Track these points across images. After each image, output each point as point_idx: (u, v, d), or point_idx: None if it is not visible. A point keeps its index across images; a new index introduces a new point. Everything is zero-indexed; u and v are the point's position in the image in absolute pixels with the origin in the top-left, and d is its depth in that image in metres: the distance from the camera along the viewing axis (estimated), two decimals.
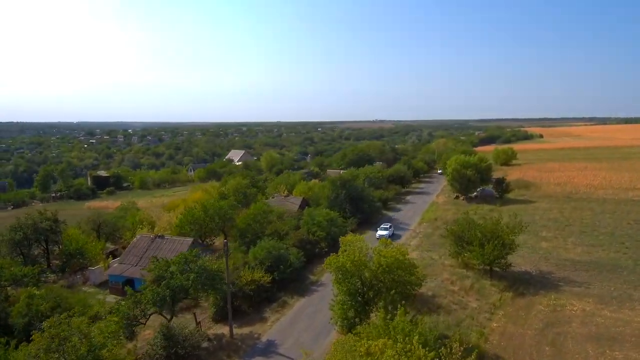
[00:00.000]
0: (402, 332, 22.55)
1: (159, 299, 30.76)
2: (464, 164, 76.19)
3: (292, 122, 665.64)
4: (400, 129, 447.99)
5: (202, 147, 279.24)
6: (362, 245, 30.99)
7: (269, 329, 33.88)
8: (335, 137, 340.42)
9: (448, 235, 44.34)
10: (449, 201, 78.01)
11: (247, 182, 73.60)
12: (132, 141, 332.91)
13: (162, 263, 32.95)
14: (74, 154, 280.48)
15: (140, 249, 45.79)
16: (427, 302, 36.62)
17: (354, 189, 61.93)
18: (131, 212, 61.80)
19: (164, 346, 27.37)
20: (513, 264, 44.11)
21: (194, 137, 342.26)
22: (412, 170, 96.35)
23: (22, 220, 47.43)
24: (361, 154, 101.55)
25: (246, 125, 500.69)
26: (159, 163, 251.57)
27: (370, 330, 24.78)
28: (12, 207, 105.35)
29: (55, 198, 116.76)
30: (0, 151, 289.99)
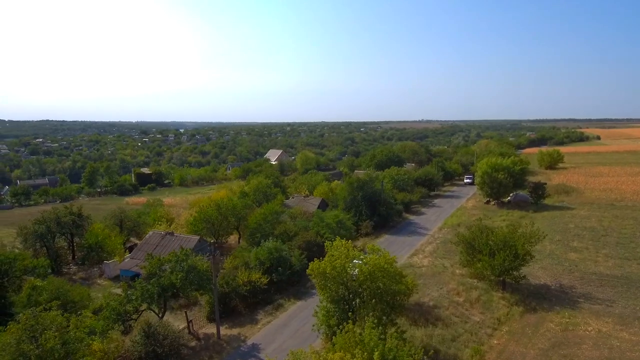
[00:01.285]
0: (366, 347, 21.30)
1: (147, 296, 31.34)
2: (495, 166, 72.00)
3: (336, 122, 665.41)
4: (446, 129, 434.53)
5: (245, 146, 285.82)
6: (348, 250, 29.69)
7: (257, 331, 33.47)
8: (377, 138, 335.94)
9: (458, 243, 41.81)
10: (478, 206, 74.09)
11: (269, 181, 73.84)
12: (182, 140, 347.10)
13: (154, 261, 33.50)
14: (127, 151, 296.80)
15: (151, 245, 47.12)
16: (427, 312, 34.69)
17: (371, 190, 60.25)
18: (153, 209, 63.86)
19: (144, 343, 27.64)
20: (532, 276, 41.17)
21: (240, 136, 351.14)
22: (442, 172, 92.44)
23: (46, 214, 50.21)
24: (390, 155, 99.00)
25: (291, 125, 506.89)
26: (205, 161, 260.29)
27: (344, 341, 23.73)
28: (60, 201, 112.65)
29: (100, 193, 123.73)
30: (61, 148, 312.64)
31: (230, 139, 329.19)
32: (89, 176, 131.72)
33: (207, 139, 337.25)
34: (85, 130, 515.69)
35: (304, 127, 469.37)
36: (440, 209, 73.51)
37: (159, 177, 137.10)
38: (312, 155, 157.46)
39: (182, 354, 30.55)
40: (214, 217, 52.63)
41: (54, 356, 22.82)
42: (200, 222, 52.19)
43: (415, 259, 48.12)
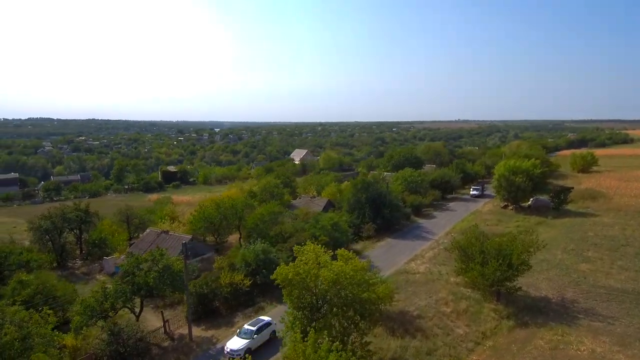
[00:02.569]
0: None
1: (121, 294, 31.55)
2: (513, 169, 68.33)
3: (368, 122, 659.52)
4: (483, 130, 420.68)
5: (275, 145, 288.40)
6: (317, 256, 28.54)
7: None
8: (409, 138, 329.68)
9: (453, 249, 39.65)
10: (494, 210, 70.59)
11: (279, 181, 73.52)
12: (215, 139, 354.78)
13: (132, 259, 33.73)
14: (162, 150, 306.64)
15: (146, 243, 47.78)
16: (408, 322, 33.05)
17: (376, 192, 58.57)
18: (159, 207, 64.98)
19: (109, 342, 27.77)
20: (533, 287, 38.66)
21: (271, 136, 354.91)
22: (461, 175, 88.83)
23: (53, 210, 52.03)
24: (408, 156, 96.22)
25: (323, 125, 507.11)
26: (236, 160, 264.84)
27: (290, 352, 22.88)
28: (89, 196, 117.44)
29: (127, 190, 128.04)
30: (101, 146, 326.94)
31: (261, 138, 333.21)
32: (117, 173, 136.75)
33: (239, 139, 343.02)
34: (127, 129, 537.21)
35: (335, 127, 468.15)
36: (453, 213, 70.62)
37: (184, 175, 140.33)
38: (335, 156, 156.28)
39: (152, 354, 30.64)
40: (213, 216, 52.76)
41: (12, 350, 23.19)
42: (199, 221, 52.44)
43: (413, 264, 46.23)
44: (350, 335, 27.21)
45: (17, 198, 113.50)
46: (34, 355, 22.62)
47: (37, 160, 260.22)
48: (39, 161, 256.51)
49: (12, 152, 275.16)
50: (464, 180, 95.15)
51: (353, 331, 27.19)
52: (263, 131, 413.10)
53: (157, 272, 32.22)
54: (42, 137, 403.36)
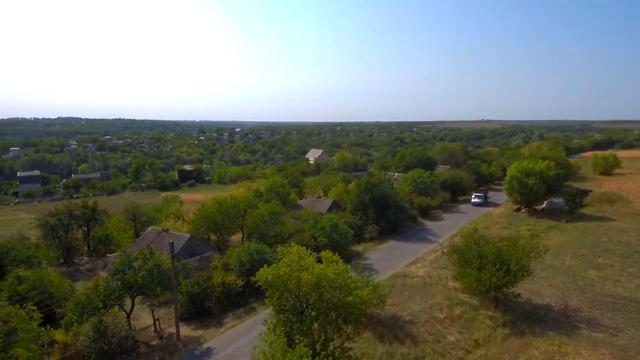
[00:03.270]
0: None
1: (109, 292, 31.79)
2: (526, 171, 66.10)
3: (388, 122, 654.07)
4: (506, 130, 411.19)
5: (293, 145, 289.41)
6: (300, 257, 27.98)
7: (218, 335, 32.86)
8: (429, 138, 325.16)
9: (451, 253, 38.48)
10: (506, 213, 68.49)
11: (286, 181, 73.31)
12: (235, 139, 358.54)
13: (124, 257, 33.96)
14: (183, 149, 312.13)
15: (146, 241, 48.12)
16: (399, 327, 32.13)
17: (380, 193, 57.57)
18: (165, 206, 65.66)
19: (93, 339, 27.96)
20: (536, 294, 37.24)
21: (290, 135, 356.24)
22: (474, 176, 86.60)
23: (60, 207, 53.19)
24: (420, 157, 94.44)
25: (342, 125, 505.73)
26: (254, 159, 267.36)
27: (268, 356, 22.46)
28: (107, 194, 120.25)
29: (143, 188, 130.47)
30: (125, 145, 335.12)
31: (279, 138, 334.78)
32: (135, 171, 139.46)
33: (258, 138, 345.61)
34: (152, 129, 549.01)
35: (355, 127, 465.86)
36: (462, 215, 68.88)
37: (199, 174, 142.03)
38: (350, 155, 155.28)
39: (139, 352, 30.76)
40: (215, 215, 52.89)
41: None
42: (200, 220, 52.64)
43: (412, 268, 45.16)
44: (333, 340, 26.64)
45: (37, 195, 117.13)
46: (13, 350, 22.88)
47: (62, 158, 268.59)
48: (64, 159, 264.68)
49: (39, 151, 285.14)
50: (478, 182, 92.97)
51: (335, 336, 26.58)
52: (282, 131, 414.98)
53: (146, 270, 32.28)
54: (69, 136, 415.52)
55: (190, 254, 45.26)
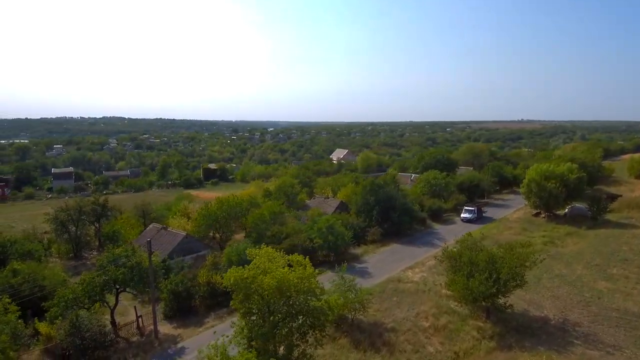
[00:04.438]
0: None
1: (90, 288, 32.38)
2: (546, 174, 62.46)
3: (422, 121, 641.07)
4: (546, 130, 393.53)
5: (322, 145, 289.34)
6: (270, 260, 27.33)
7: (196, 334, 32.81)
8: (462, 138, 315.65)
9: (444, 258, 36.63)
10: (523, 218, 65.02)
11: (296, 181, 72.95)
12: (266, 138, 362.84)
13: (109, 254, 34.54)
14: (216, 148, 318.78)
15: (147, 237, 48.89)
16: (378, 335, 30.86)
17: (386, 195, 56.01)
18: (175, 203, 66.78)
19: (69, 333, 28.50)
20: (535, 305, 35.11)
21: (320, 135, 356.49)
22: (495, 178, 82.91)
23: (70, 203, 55.15)
24: (439, 158, 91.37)
25: (374, 125, 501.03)
26: (282, 159, 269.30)
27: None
28: (134, 191, 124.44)
29: (169, 185, 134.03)
30: (162, 144, 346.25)
31: (309, 138, 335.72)
32: (162, 169, 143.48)
33: (289, 138, 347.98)
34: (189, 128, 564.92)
35: (386, 127, 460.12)
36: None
37: (223, 173, 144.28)
38: (374, 156, 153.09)
39: (118, 348, 31.20)
40: (217, 213, 53.22)
41: None
42: (202, 218, 53.09)
43: (409, 273, 43.54)
44: (298, 346, 25.86)
45: (69, 191, 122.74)
46: None
47: (101, 156, 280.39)
48: (103, 157, 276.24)
49: (80, 148, 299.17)
50: (500, 184, 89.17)
51: (301, 342, 25.77)
52: (313, 131, 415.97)
53: (128, 267, 32.66)
54: (111, 134, 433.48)
55: (186, 252, 45.71)
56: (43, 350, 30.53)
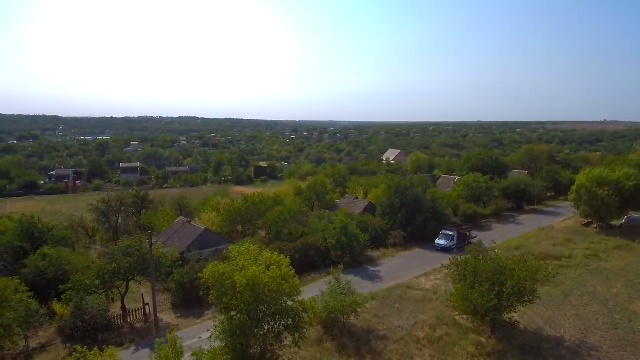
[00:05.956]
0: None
1: (101, 275, 34.61)
2: (598, 180, 56.41)
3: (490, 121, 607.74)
4: (631, 132, 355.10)
5: (378, 145, 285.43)
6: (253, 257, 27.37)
7: (192, 325, 33.85)
8: (533, 140, 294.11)
9: (449, 266, 34.39)
10: (572, 228, 59.19)
11: (329, 180, 72.58)
12: (323, 138, 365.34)
13: (121, 245, 36.67)
14: (275, 147, 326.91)
15: (172, 230, 51.58)
16: (367, 342, 29.74)
17: (413, 197, 53.84)
18: (210, 199, 69.31)
19: (73, 315, 30.74)
20: (552, 323, 32.06)
21: (378, 135, 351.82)
22: (546, 184, 76.30)
23: (112, 195, 59.46)
24: (487, 160, 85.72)
25: (437, 125, 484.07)
26: (338, 158, 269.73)
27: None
28: (189, 186, 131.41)
29: (221, 182, 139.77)
30: (226, 142, 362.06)
31: (367, 137, 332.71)
32: (216, 166, 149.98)
33: (346, 137, 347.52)
34: (254, 128, 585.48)
35: (449, 127, 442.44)
36: (517, 227, 61.23)
37: (273, 171, 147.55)
38: (425, 157, 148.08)
39: (122, 332, 33.13)
40: (242, 210, 54.52)
41: None
42: (228, 214, 54.60)
43: (422, 279, 41.50)
44: (272, 345, 25.69)
45: (134, 184, 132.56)
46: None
47: (172, 152, 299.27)
48: (173, 154, 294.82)
49: (153, 145, 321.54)
50: (556, 190, 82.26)
51: (274, 341, 25.57)
52: (371, 130, 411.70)
53: (135, 257, 34.48)
54: (184, 133, 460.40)
55: (205, 245, 47.24)
56: (57, 329, 33.23)
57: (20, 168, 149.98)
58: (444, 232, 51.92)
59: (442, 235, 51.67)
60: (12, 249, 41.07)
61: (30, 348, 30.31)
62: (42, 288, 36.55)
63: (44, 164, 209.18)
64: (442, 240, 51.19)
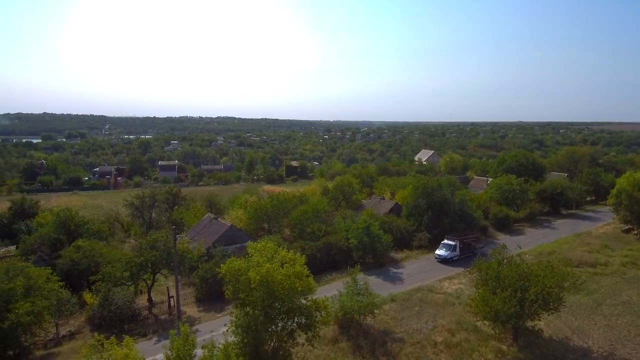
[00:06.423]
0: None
1: (129, 267, 36.08)
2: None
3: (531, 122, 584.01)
4: None
5: (411, 145, 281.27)
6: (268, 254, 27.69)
7: (213, 319, 34.69)
8: (577, 141, 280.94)
9: (472, 271, 33.46)
10: (610, 234, 56.09)
11: (355, 180, 72.27)
12: (356, 138, 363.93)
13: (149, 239, 38.09)
14: (307, 146, 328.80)
15: (200, 226, 53.00)
16: (382, 344, 29.44)
17: (440, 198, 52.75)
18: (239, 197, 70.62)
19: (99, 305, 32.26)
20: (580, 332, 30.59)
21: (412, 135, 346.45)
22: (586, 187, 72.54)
23: (146, 192, 61.81)
24: (522, 161, 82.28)
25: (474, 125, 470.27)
26: (371, 158, 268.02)
27: None
28: (223, 184, 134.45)
29: (253, 180, 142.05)
30: (261, 142, 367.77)
31: (400, 138, 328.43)
32: (248, 165, 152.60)
33: (379, 137, 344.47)
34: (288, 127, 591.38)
35: (487, 127, 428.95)
36: (552, 232, 58.62)
37: (304, 170, 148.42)
38: (459, 157, 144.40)
39: (147, 323, 34.44)
40: (267, 208, 55.31)
41: (16, 292, 29.02)
42: (254, 211, 55.51)
43: (445, 283, 40.58)
44: (286, 343, 25.92)
45: (171, 181, 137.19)
46: (19, 304, 27.83)
47: (209, 151, 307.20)
48: (210, 152, 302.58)
49: (192, 144, 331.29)
50: (597, 194, 78.27)
51: (288, 338, 25.77)
52: (405, 130, 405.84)
53: (161, 251, 35.75)
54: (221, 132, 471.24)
55: (230, 241, 48.24)
56: (86, 318, 34.96)
57: (67, 164, 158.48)
58: (445, 242, 47.69)
59: (443, 245, 47.43)
60: (49, 241, 43.51)
61: (60, 335, 32.02)
62: (76, 278, 38.61)
63: (90, 161, 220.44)
64: (443, 250, 46.90)
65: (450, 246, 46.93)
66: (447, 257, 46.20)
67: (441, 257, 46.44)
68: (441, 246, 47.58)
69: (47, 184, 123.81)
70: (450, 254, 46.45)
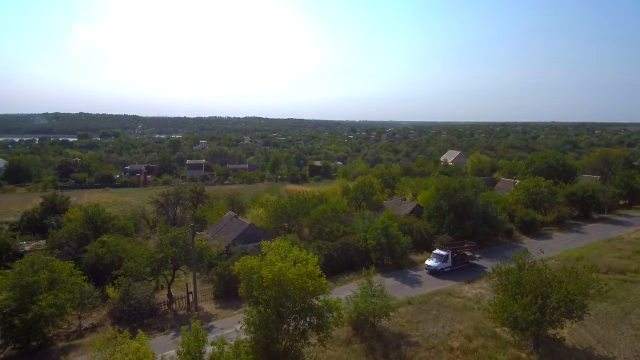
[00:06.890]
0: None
1: (150, 262, 36.95)
2: None
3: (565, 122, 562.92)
4: None
5: (438, 145, 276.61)
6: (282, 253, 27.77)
7: (229, 316, 35.09)
8: (613, 143, 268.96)
9: (492, 276, 32.56)
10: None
11: (377, 180, 71.65)
12: (382, 138, 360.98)
13: (169, 235, 38.91)
14: (332, 147, 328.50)
15: (222, 224, 53.76)
16: (396, 347, 29.02)
17: (462, 200, 51.61)
18: (260, 195, 71.22)
19: (120, 299, 33.17)
20: (605, 342, 29.24)
21: (439, 136, 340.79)
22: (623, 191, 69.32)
23: (170, 189, 63.22)
24: (553, 163, 79.21)
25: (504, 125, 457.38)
26: (396, 159, 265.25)
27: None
28: (247, 183, 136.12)
29: (277, 179, 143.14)
30: (286, 141, 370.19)
31: (427, 138, 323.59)
32: (273, 164, 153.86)
33: (405, 138, 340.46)
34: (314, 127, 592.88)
35: (518, 128, 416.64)
36: (580, 236, 56.34)
37: (327, 170, 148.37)
38: (487, 159, 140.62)
39: (166, 318, 35.25)
40: (287, 207, 55.55)
41: (40, 285, 30.25)
42: (274, 210, 55.84)
43: (465, 287, 39.65)
44: (298, 342, 25.91)
45: (197, 179, 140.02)
46: (43, 296, 28.96)
47: (235, 151, 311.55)
48: (237, 152, 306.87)
49: (220, 144, 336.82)
50: (631, 197, 74.84)
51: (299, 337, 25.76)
52: (432, 130, 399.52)
53: (180, 248, 36.47)
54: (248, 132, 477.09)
55: (249, 239, 48.69)
56: (108, 311, 36.02)
57: (100, 162, 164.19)
58: (436, 252, 44.31)
59: (433, 255, 44.07)
60: (76, 236, 45.08)
61: (83, 327, 33.11)
62: (100, 272, 39.84)
63: (122, 159, 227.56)
64: (432, 261, 43.44)
65: (441, 256, 43.48)
66: (436, 268, 42.86)
67: (430, 269, 43.10)
68: (432, 256, 44.49)
69: (80, 181, 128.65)
70: (440, 264, 43.05)
